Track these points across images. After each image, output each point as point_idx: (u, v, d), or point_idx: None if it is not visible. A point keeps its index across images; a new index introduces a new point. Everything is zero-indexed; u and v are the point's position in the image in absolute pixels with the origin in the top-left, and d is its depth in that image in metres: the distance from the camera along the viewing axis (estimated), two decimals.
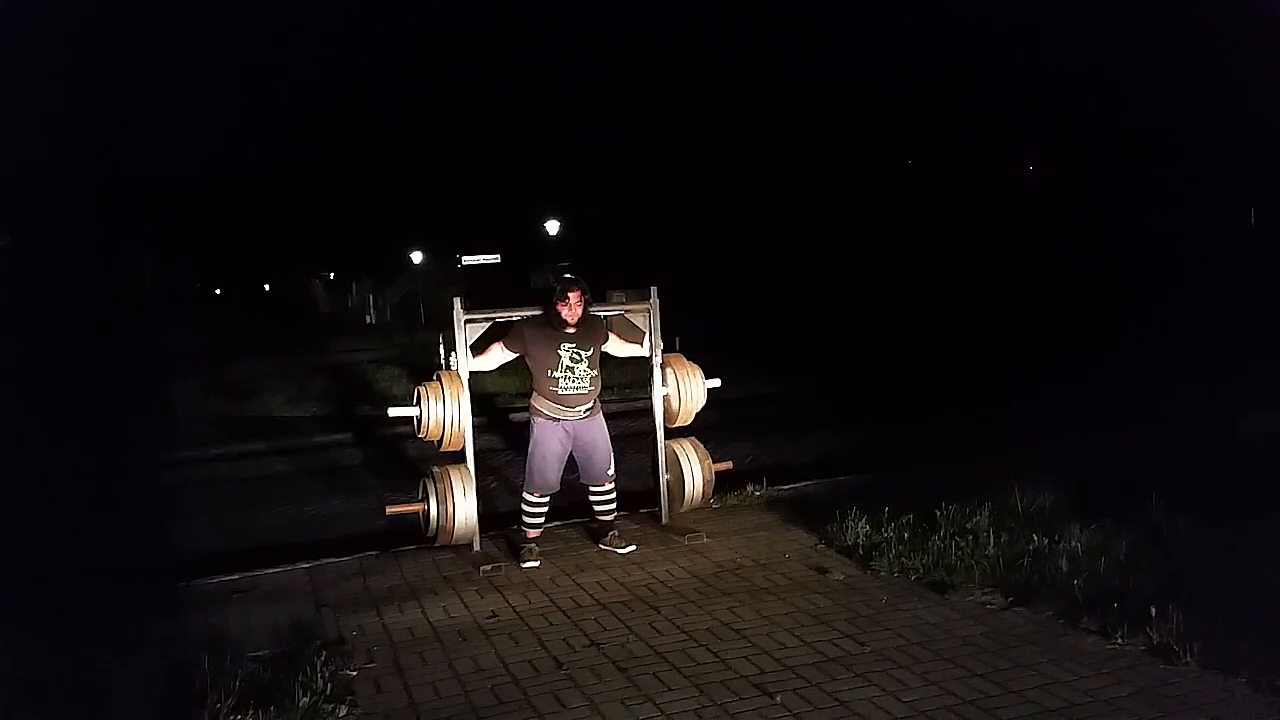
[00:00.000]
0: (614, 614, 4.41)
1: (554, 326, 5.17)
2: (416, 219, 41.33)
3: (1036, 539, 4.69)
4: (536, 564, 5.16)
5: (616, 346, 5.55)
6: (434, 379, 5.35)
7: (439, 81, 55.23)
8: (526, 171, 38.23)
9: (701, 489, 5.76)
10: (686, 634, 4.12)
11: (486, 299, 6.34)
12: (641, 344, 5.69)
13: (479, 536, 5.41)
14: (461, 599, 4.71)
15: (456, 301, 5.35)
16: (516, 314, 5.42)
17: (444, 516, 5.21)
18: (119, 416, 11.95)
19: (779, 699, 3.46)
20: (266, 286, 62.60)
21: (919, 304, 20.42)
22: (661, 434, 5.79)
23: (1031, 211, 22.03)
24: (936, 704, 3.36)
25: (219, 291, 64.69)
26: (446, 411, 5.22)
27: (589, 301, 5.26)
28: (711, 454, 5.86)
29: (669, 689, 3.60)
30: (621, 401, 9.16)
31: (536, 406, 5.28)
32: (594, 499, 5.49)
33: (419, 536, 5.51)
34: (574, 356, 5.18)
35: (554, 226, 35.82)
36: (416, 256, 41.56)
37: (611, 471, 5.42)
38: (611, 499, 5.48)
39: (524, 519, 5.39)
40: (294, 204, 44.67)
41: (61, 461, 8.77)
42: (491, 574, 5.05)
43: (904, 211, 25.29)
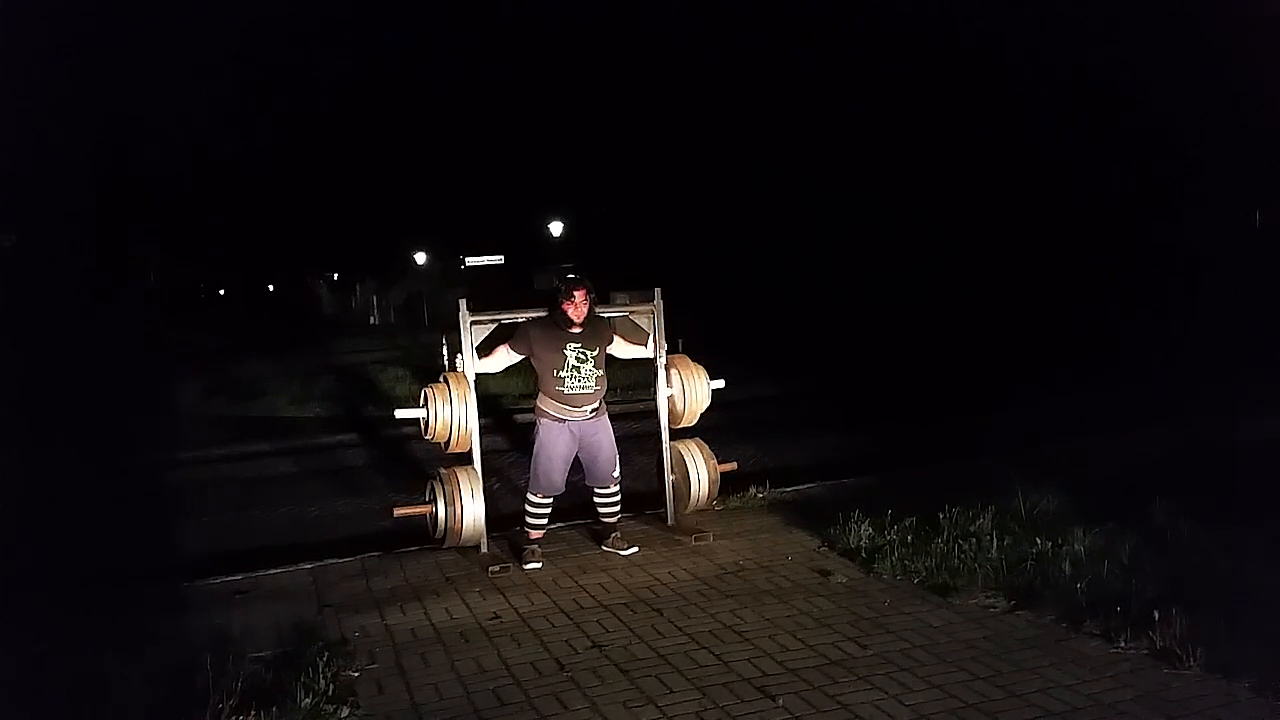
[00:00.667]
0: (616, 616, 4.41)
1: (560, 326, 5.18)
2: (420, 220, 41.38)
3: (1039, 542, 4.68)
4: (538, 565, 5.16)
5: (621, 348, 5.55)
6: (441, 381, 5.34)
7: (443, 81, 55.40)
8: (530, 173, 38.32)
9: (707, 490, 5.76)
10: (688, 636, 4.11)
11: (490, 300, 6.32)
12: (646, 345, 5.69)
13: (486, 538, 5.41)
14: (464, 600, 4.71)
15: (462, 303, 5.35)
16: (522, 315, 5.41)
17: (452, 518, 5.21)
18: (122, 416, 12.00)
19: (781, 701, 3.45)
20: (270, 287, 62.71)
21: (922, 306, 20.40)
22: (666, 435, 5.80)
23: (1033, 212, 22.01)
24: (939, 707, 3.35)
25: (223, 291, 64.94)
26: (454, 413, 5.21)
27: (595, 301, 5.27)
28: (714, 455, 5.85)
29: (671, 691, 3.60)
30: (625, 403, 9.15)
31: (542, 408, 5.28)
32: (598, 501, 5.49)
33: (425, 538, 5.50)
34: (580, 356, 5.18)
35: (557, 227, 35.85)
36: (420, 257, 41.56)
37: (616, 473, 5.43)
38: (616, 501, 5.48)
39: (527, 520, 5.39)
40: (298, 204, 44.83)
41: (65, 461, 8.81)
42: (499, 575, 5.06)
43: (908, 213, 25.26)
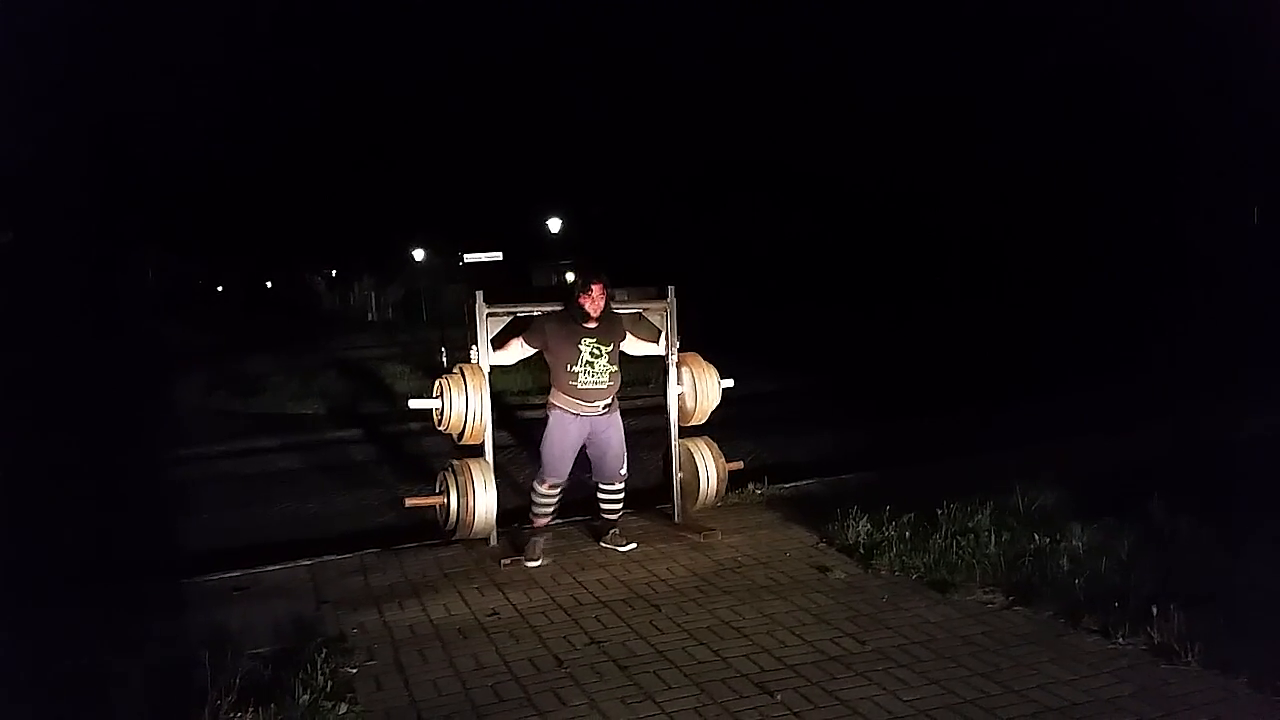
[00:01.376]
0: (615, 612, 4.41)
1: (576, 321, 5.17)
2: (418, 216, 41.32)
3: (1038, 538, 4.69)
4: (540, 562, 5.16)
5: (633, 345, 5.55)
6: (456, 372, 5.31)
7: (441, 78, 55.30)
8: (529, 169, 38.26)
9: (716, 487, 5.76)
10: (687, 632, 4.12)
11: (489, 298, 6.31)
12: (657, 342, 5.70)
13: (496, 531, 5.40)
14: (462, 596, 4.71)
15: (479, 295, 5.32)
16: (538, 309, 5.40)
17: (464, 510, 5.19)
18: (122, 413, 12.00)
19: (780, 697, 3.46)
20: (269, 284, 62.68)
21: (921, 304, 20.41)
22: (675, 432, 5.79)
23: (1033, 212, 22.00)
24: (937, 703, 3.36)
25: (221, 289, 64.90)
26: (469, 405, 5.20)
27: (611, 296, 5.26)
28: None
29: (669, 687, 3.60)
30: (629, 400, 9.12)
31: (554, 402, 5.26)
32: (602, 497, 5.48)
33: (424, 533, 5.49)
34: (594, 351, 5.16)
35: (556, 224, 35.81)
36: (418, 254, 41.52)
37: (624, 470, 5.42)
38: (620, 498, 5.48)
39: (533, 508, 5.37)
40: (296, 201, 44.76)
41: (64, 458, 8.80)
42: (511, 568, 5.06)
43: (906, 212, 25.26)
